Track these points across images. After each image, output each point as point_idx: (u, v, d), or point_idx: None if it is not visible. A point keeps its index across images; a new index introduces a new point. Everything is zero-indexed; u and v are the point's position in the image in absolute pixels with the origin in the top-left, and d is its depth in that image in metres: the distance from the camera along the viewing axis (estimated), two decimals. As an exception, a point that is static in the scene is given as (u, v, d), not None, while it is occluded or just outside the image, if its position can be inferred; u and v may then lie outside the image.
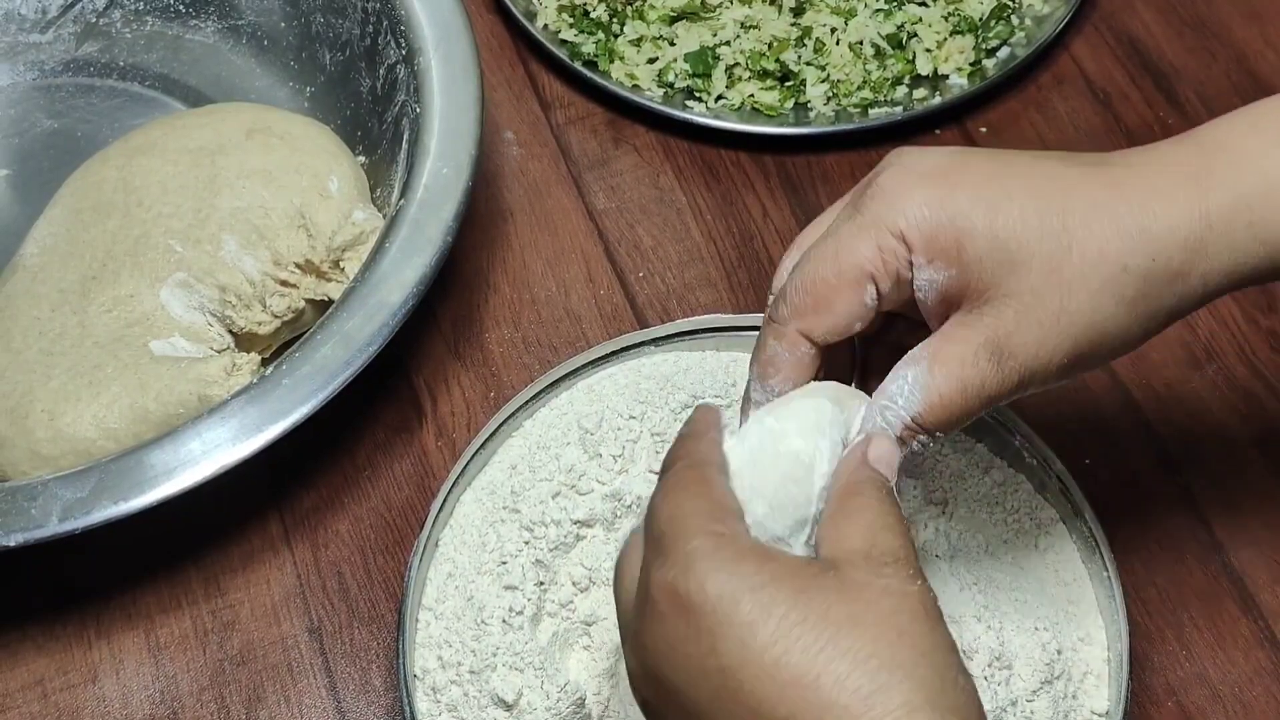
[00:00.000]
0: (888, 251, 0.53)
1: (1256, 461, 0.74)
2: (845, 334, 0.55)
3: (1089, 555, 0.67)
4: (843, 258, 0.54)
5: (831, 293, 0.54)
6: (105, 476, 0.66)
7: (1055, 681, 0.63)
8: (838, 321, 0.54)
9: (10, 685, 0.69)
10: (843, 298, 0.54)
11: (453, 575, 0.68)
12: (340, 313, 0.70)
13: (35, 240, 0.78)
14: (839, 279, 0.54)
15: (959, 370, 0.52)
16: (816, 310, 0.54)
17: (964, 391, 0.52)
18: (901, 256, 0.53)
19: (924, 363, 0.53)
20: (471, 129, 0.76)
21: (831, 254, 0.54)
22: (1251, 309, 0.78)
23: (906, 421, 0.53)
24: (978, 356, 0.52)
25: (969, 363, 0.52)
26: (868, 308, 0.54)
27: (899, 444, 0.53)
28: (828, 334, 0.55)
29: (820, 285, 0.54)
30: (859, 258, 0.53)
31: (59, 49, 0.90)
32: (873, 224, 0.53)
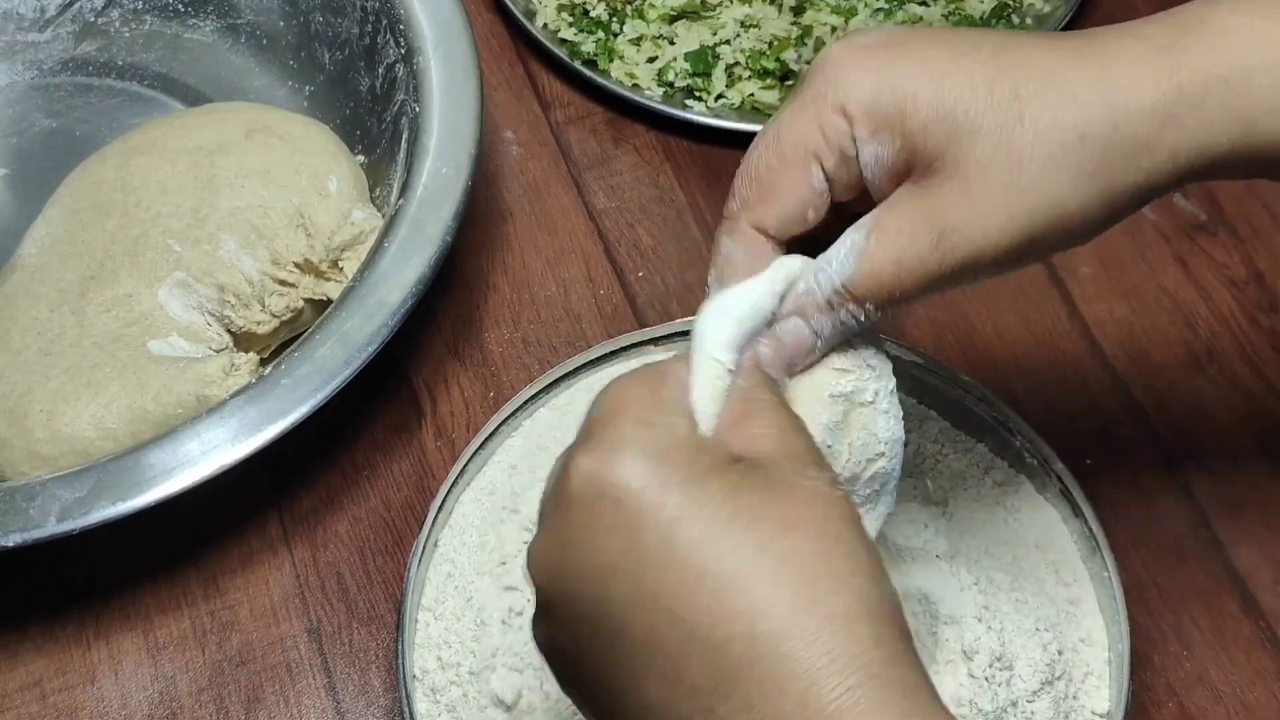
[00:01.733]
0: (829, 128, 0.49)
1: (1258, 461, 0.73)
2: (800, 224, 0.51)
3: (1090, 555, 0.67)
4: (784, 139, 0.50)
5: (777, 177, 0.50)
6: (104, 476, 0.65)
7: (1056, 682, 0.63)
8: (788, 208, 0.51)
9: (9, 686, 0.69)
10: (789, 182, 0.50)
11: (452, 575, 0.68)
12: (339, 312, 0.70)
13: (34, 240, 0.78)
14: (782, 162, 0.50)
15: (895, 241, 0.49)
16: (764, 199, 0.51)
17: (898, 264, 0.49)
18: (844, 131, 0.49)
19: (864, 230, 0.49)
20: (471, 128, 0.76)
21: (774, 138, 0.51)
22: (1253, 309, 0.78)
23: (836, 285, 0.49)
24: (916, 230, 0.48)
25: (906, 234, 0.49)
26: (816, 191, 0.50)
27: (827, 309, 0.50)
28: (781, 224, 0.51)
29: (764, 171, 0.51)
30: (801, 138, 0.50)
31: (57, 48, 0.90)
32: (812, 101, 0.50)
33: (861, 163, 0.50)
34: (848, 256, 0.49)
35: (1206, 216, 0.82)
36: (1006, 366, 0.77)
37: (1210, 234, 0.82)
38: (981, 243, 0.48)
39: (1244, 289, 0.79)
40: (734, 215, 0.52)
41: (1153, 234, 0.82)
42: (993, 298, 0.79)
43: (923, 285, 0.49)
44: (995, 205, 0.48)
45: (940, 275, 0.49)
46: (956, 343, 0.78)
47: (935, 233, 0.48)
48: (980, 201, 0.48)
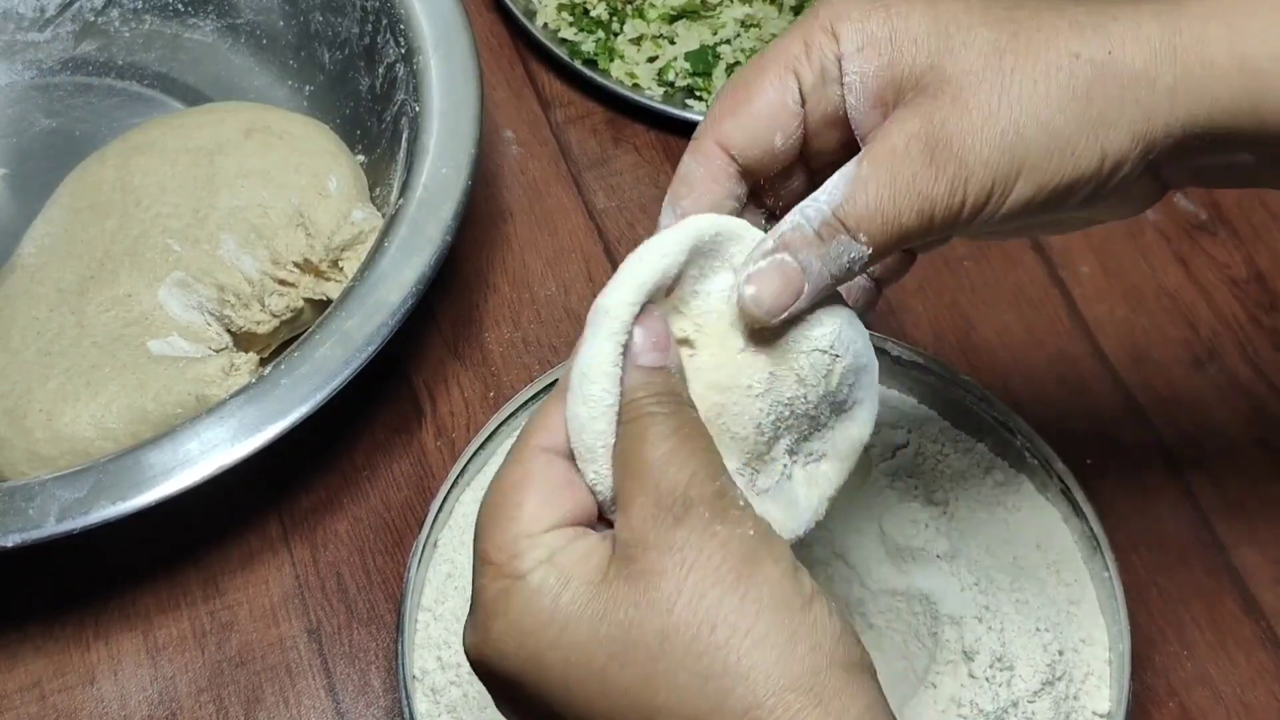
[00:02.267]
0: (813, 42, 0.48)
1: (1259, 461, 0.73)
2: (767, 148, 0.49)
3: (1090, 555, 0.67)
4: (767, 54, 0.48)
5: (751, 89, 0.48)
6: (103, 477, 0.65)
7: (1057, 682, 0.63)
8: (757, 125, 0.48)
9: (8, 686, 0.69)
10: (762, 94, 0.48)
11: (452, 576, 0.68)
12: (339, 312, 0.70)
13: (33, 240, 0.78)
14: (759, 75, 0.48)
15: (889, 160, 0.46)
16: (734, 112, 0.48)
17: (893, 184, 0.46)
18: (828, 48, 0.48)
19: (855, 160, 0.47)
20: (471, 128, 0.76)
21: (758, 55, 0.49)
22: (1254, 308, 0.78)
23: (826, 215, 0.46)
24: (909, 147, 0.46)
25: (900, 153, 0.46)
26: (789, 110, 0.48)
27: (818, 242, 0.46)
28: (747, 141, 0.48)
29: (739, 84, 0.48)
30: (783, 52, 0.48)
31: (57, 48, 0.90)
32: (804, 21, 0.48)
33: (845, 83, 0.48)
34: (839, 183, 0.46)
35: (1206, 216, 0.82)
36: (1006, 366, 0.77)
37: (1210, 234, 0.81)
38: (972, 158, 0.46)
39: (1244, 289, 0.79)
40: (702, 133, 0.49)
41: (1153, 234, 0.81)
42: (993, 298, 0.79)
43: (917, 209, 0.46)
44: (986, 118, 0.46)
45: (934, 195, 0.46)
46: (956, 343, 0.78)
47: (927, 147, 0.46)
48: (972, 113, 0.46)
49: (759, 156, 0.49)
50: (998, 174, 0.46)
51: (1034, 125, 0.46)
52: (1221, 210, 0.82)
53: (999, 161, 0.46)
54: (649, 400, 0.45)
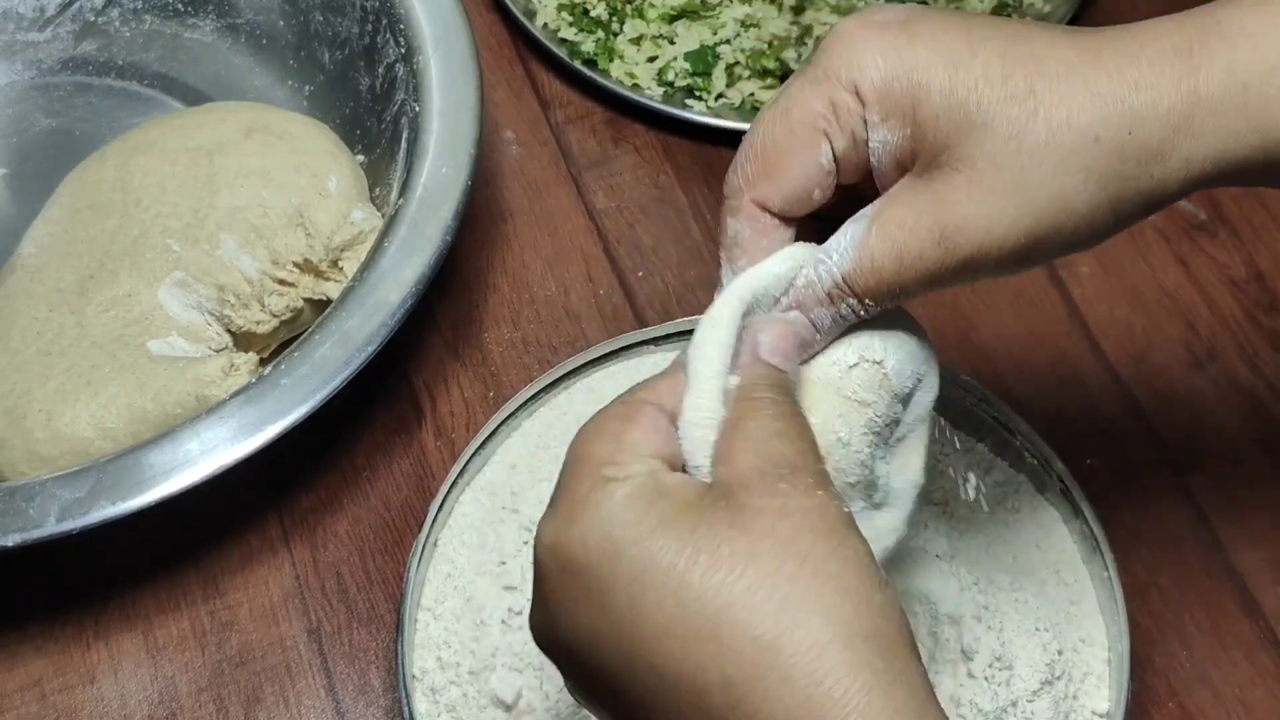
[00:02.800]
0: (841, 107, 0.48)
1: (1258, 462, 0.73)
2: (805, 203, 0.50)
3: (1090, 555, 0.67)
4: (794, 115, 0.49)
5: (783, 154, 0.49)
6: (103, 477, 0.65)
7: (1056, 682, 0.63)
8: (794, 186, 0.49)
9: (8, 686, 0.69)
10: (796, 159, 0.49)
11: (452, 576, 0.68)
12: (339, 312, 0.70)
13: (33, 240, 0.78)
14: (790, 139, 0.49)
15: (897, 235, 0.47)
16: (769, 175, 0.49)
17: (899, 259, 0.47)
18: (855, 112, 0.48)
19: (865, 221, 0.48)
20: (471, 128, 0.76)
21: (782, 113, 0.49)
22: (1253, 308, 0.78)
23: (836, 279, 0.48)
24: (919, 224, 0.47)
25: (908, 229, 0.47)
26: (823, 170, 0.49)
27: (828, 302, 0.49)
28: (785, 202, 0.50)
29: (771, 147, 0.49)
30: (811, 114, 0.48)
31: (57, 47, 0.90)
32: (825, 77, 0.48)
33: (870, 147, 0.49)
34: (848, 249, 0.48)
35: (1206, 216, 0.82)
36: (1006, 366, 0.77)
37: (1210, 234, 0.81)
38: (985, 241, 0.47)
39: (1244, 289, 0.79)
40: (737, 193, 0.50)
41: (1153, 234, 0.81)
42: (993, 298, 0.79)
43: (923, 282, 0.48)
44: (1002, 204, 0.46)
45: (941, 272, 0.47)
46: (956, 343, 0.78)
47: (939, 229, 0.47)
48: (987, 199, 0.46)
49: (798, 208, 0.50)
50: (1014, 250, 0.47)
51: (1052, 210, 0.47)
52: (1221, 210, 0.82)
53: (1014, 241, 0.47)
54: (766, 386, 0.47)
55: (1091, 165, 0.46)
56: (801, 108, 0.49)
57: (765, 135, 0.50)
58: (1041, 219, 0.47)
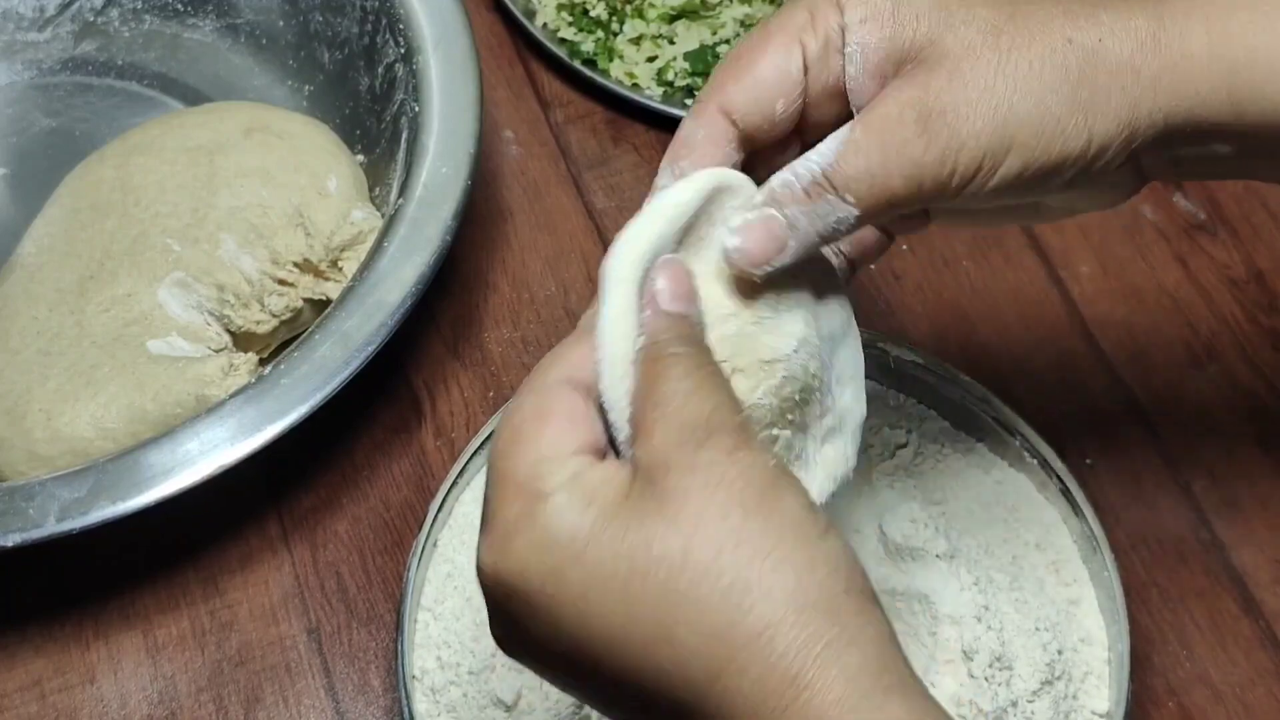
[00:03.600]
0: (819, 12, 0.49)
1: (1258, 461, 0.73)
2: (769, 116, 0.49)
3: (1089, 555, 0.67)
4: (771, 24, 0.50)
5: (755, 55, 0.49)
6: (103, 476, 0.65)
7: (1056, 682, 0.63)
8: (759, 91, 0.49)
9: (8, 686, 0.69)
10: (766, 59, 0.49)
11: (452, 575, 0.68)
12: (338, 312, 0.70)
13: (33, 239, 0.78)
14: (763, 40, 0.49)
15: (881, 126, 0.47)
16: (737, 76, 0.49)
17: (884, 149, 0.47)
18: (833, 19, 0.49)
19: (849, 124, 0.48)
20: (470, 128, 0.76)
21: (762, 25, 0.50)
22: (1253, 308, 0.78)
23: (816, 174, 0.47)
24: (903, 114, 0.47)
25: (892, 119, 0.47)
26: (792, 77, 0.49)
27: (805, 199, 0.48)
28: (749, 105, 0.49)
29: (744, 50, 0.50)
30: (788, 21, 0.49)
31: (57, 47, 0.90)
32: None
33: (846, 54, 0.49)
34: (830, 145, 0.48)
35: (1206, 216, 0.82)
36: (1006, 366, 0.77)
37: (1210, 234, 0.81)
38: (965, 130, 0.47)
39: (1244, 289, 0.79)
40: (704, 98, 0.50)
41: (1153, 234, 0.81)
42: (993, 298, 0.79)
43: (907, 175, 0.47)
44: (981, 92, 0.47)
45: (923, 163, 0.47)
46: (956, 343, 0.78)
47: (922, 115, 0.47)
48: (968, 87, 0.47)
49: (759, 123, 0.50)
50: (989, 147, 0.47)
51: (1027, 103, 0.47)
52: (1221, 210, 0.82)
53: (991, 135, 0.47)
54: (671, 341, 0.45)
55: (1065, 64, 0.47)
56: (782, 16, 0.50)
57: (742, 42, 0.50)
58: (1016, 110, 0.47)
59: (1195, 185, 0.83)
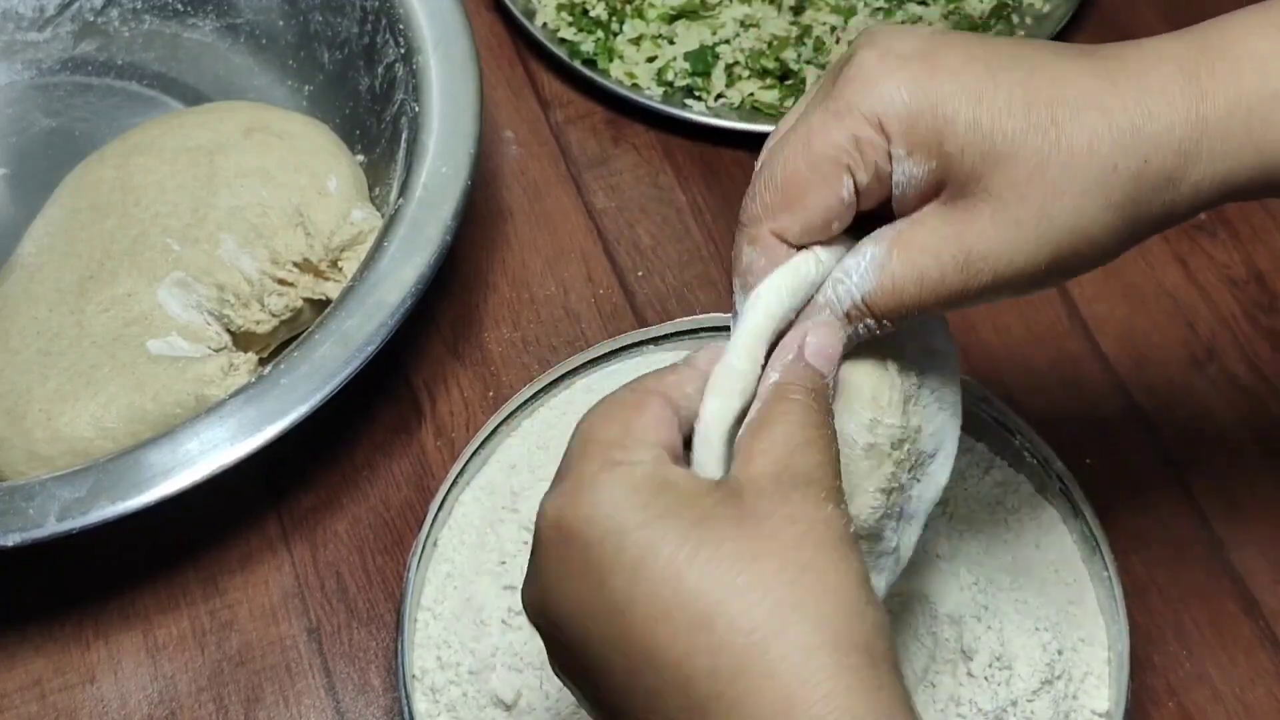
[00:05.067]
0: (865, 142, 0.48)
1: (1258, 461, 0.73)
2: (823, 234, 0.50)
3: (1089, 555, 0.67)
4: (816, 148, 0.49)
5: (804, 187, 0.49)
6: (103, 476, 0.65)
7: (1056, 682, 0.63)
8: (813, 219, 0.50)
9: (8, 686, 0.69)
10: (817, 192, 0.49)
11: (452, 575, 0.68)
12: (338, 312, 0.70)
13: (33, 239, 0.78)
14: (812, 171, 0.49)
15: (920, 259, 0.48)
16: (789, 207, 0.50)
17: (920, 284, 0.48)
18: (880, 147, 0.48)
19: (886, 243, 0.49)
20: (470, 128, 0.76)
21: (803, 144, 0.49)
22: (1253, 308, 0.78)
23: (856, 300, 0.49)
24: (941, 250, 0.48)
25: (931, 254, 0.48)
26: (844, 203, 0.50)
27: (845, 321, 0.50)
28: (803, 234, 0.50)
29: (792, 179, 0.49)
30: (834, 148, 0.49)
31: (56, 47, 0.90)
32: (848, 110, 0.48)
33: (894, 181, 0.49)
34: (869, 270, 0.49)
35: (1206, 216, 0.82)
36: (1006, 366, 0.77)
37: (1210, 234, 0.81)
38: (1007, 269, 0.48)
39: (1244, 289, 0.79)
40: (755, 221, 0.50)
41: (1152, 234, 0.81)
42: (992, 297, 0.79)
43: (942, 304, 0.49)
44: (1026, 232, 0.48)
45: (962, 297, 0.49)
46: (957, 342, 0.77)
47: (962, 256, 0.48)
48: (1012, 229, 0.48)
49: (814, 238, 0.51)
50: (1033, 276, 0.49)
51: (1073, 236, 0.48)
52: (1221, 210, 0.82)
53: (1035, 268, 0.48)
54: (803, 391, 0.48)
55: (1111, 193, 0.48)
56: (823, 140, 0.49)
57: (786, 167, 0.50)
58: (1062, 246, 0.48)
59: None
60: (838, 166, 0.49)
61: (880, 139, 0.48)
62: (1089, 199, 0.48)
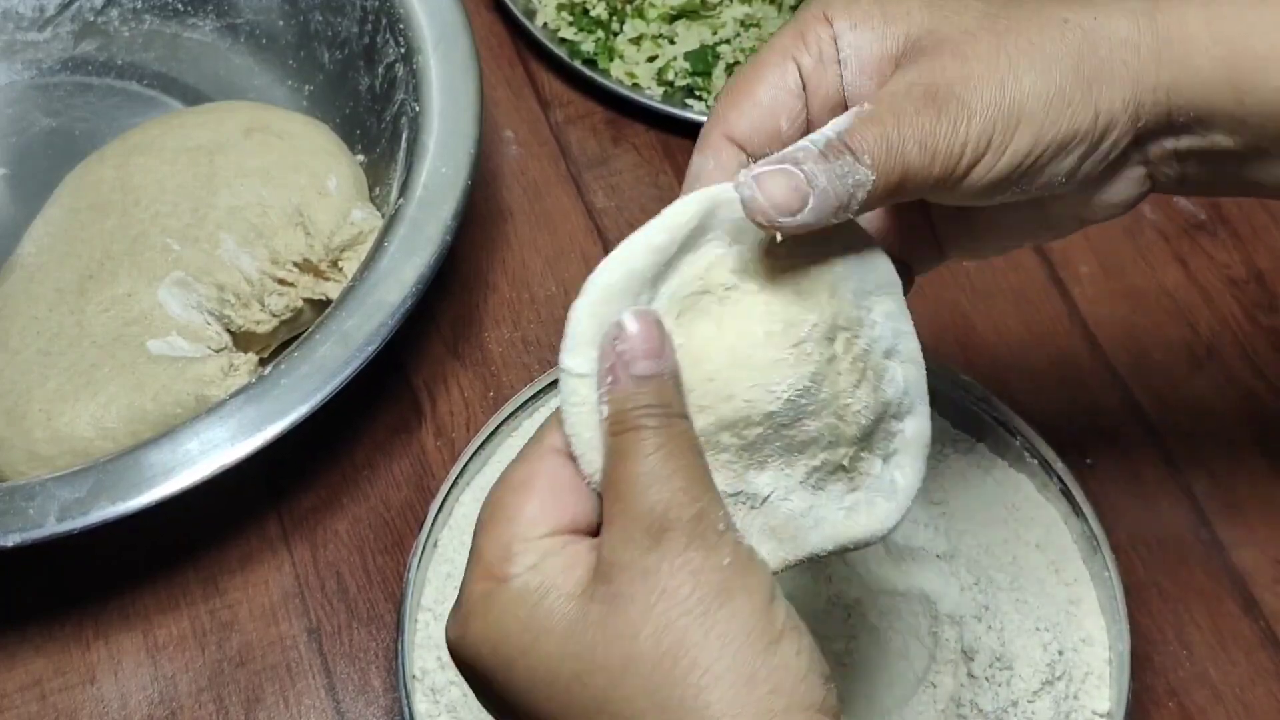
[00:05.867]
0: (809, 30, 0.49)
1: (1258, 461, 0.73)
2: (773, 134, 0.49)
3: (1090, 555, 0.67)
4: (763, 50, 0.50)
5: (752, 81, 0.49)
6: (103, 476, 0.65)
7: (1056, 682, 0.63)
8: (760, 112, 0.49)
9: (8, 686, 0.69)
10: (763, 82, 0.49)
11: (452, 576, 0.68)
12: (339, 312, 0.70)
13: (33, 239, 0.78)
14: (758, 66, 0.50)
15: (891, 100, 0.47)
16: (737, 103, 0.49)
17: (897, 116, 0.46)
18: (824, 32, 0.49)
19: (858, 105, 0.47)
20: (470, 128, 0.76)
21: (755, 54, 0.51)
22: (1253, 308, 0.78)
23: (832, 138, 0.45)
24: (911, 89, 0.47)
25: (902, 94, 0.47)
26: (791, 91, 0.49)
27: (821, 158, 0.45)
28: (752, 129, 0.49)
29: (740, 79, 0.50)
30: (780, 42, 0.50)
31: (57, 47, 0.90)
32: (797, 17, 0.50)
33: (841, 59, 0.49)
34: (844, 117, 0.47)
35: (1206, 216, 0.82)
36: (1006, 366, 0.77)
37: (1210, 234, 0.81)
38: (974, 102, 0.47)
39: (1244, 289, 0.79)
40: (707, 131, 0.50)
41: (1152, 234, 0.81)
42: (993, 298, 0.79)
43: (921, 143, 0.46)
44: (985, 66, 0.47)
45: (938, 134, 0.46)
46: (956, 343, 0.78)
47: (929, 91, 0.47)
48: (970, 62, 0.47)
49: (765, 143, 0.49)
50: (999, 119, 0.47)
51: (1031, 76, 0.47)
52: (1221, 210, 0.82)
53: (1000, 107, 0.47)
54: (638, 413, 0.44)
55: (1065, 40, 0.47)
56: (773, 41, 0.50)
57: (738, 72, 0.51)
58: (1023, 83, 0.47)
59: (1195, 185, 0.83)
60: (782, 57, 0.49)
61: (824, 25, 0.49)
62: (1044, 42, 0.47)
